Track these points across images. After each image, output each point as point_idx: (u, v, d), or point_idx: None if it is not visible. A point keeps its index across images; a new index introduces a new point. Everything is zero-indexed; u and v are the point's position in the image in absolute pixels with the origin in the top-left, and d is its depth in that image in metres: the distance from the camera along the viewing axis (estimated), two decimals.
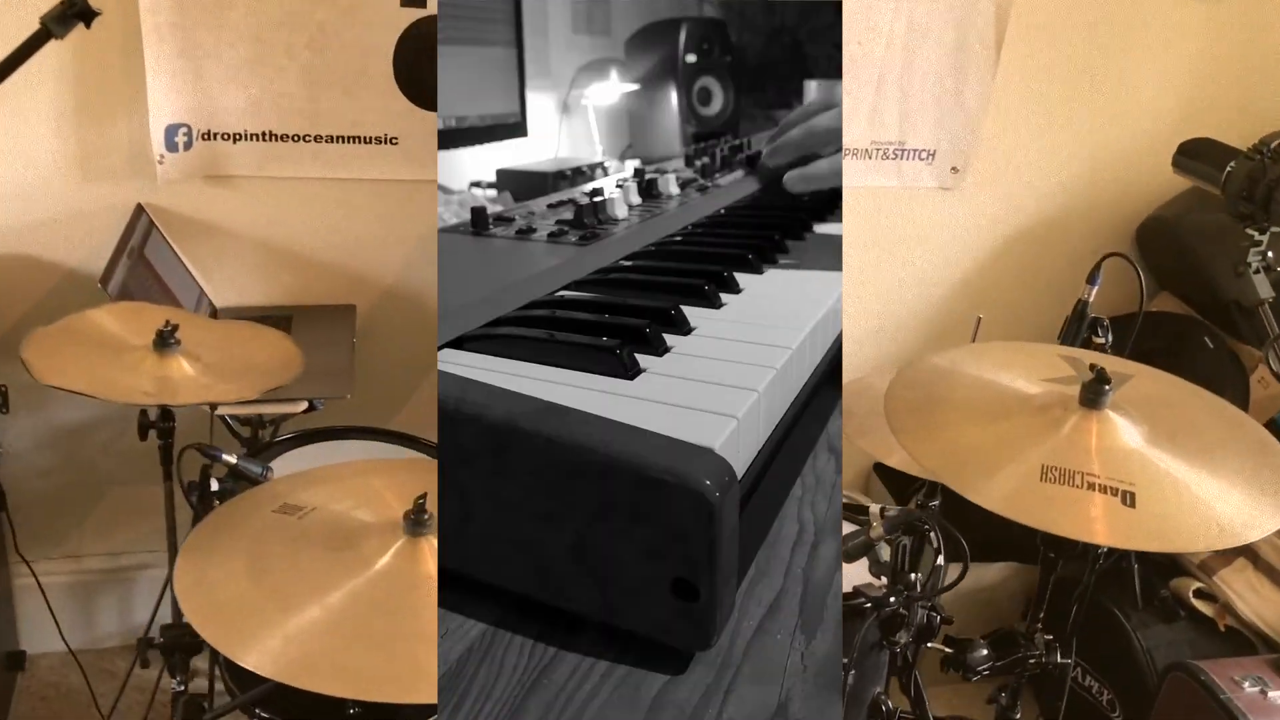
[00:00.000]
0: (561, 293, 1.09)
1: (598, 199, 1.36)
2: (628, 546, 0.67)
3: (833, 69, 2.73)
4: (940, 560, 1.13)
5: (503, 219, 1.34)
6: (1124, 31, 1.88)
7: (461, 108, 2.01)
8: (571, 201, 1.46)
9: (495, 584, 0.75)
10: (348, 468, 1.08)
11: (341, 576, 0.87)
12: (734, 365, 0.85)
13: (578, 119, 2.44)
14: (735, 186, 1.70)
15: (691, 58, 2.43)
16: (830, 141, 1.31)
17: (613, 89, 2.47)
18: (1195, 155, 1.02)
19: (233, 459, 1.11)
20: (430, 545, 0.91)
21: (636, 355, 0.85)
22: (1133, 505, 0.88)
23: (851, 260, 1.95)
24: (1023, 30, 1.82)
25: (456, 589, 0.78)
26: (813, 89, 2.64)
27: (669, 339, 0.92)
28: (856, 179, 1.88)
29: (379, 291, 1.75)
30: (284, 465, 1.40)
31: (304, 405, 1.46)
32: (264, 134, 1.62)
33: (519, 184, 2.10)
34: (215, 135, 1.60)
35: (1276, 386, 1.88)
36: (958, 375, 1.09)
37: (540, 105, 2.31)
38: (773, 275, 1.20)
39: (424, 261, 1.56)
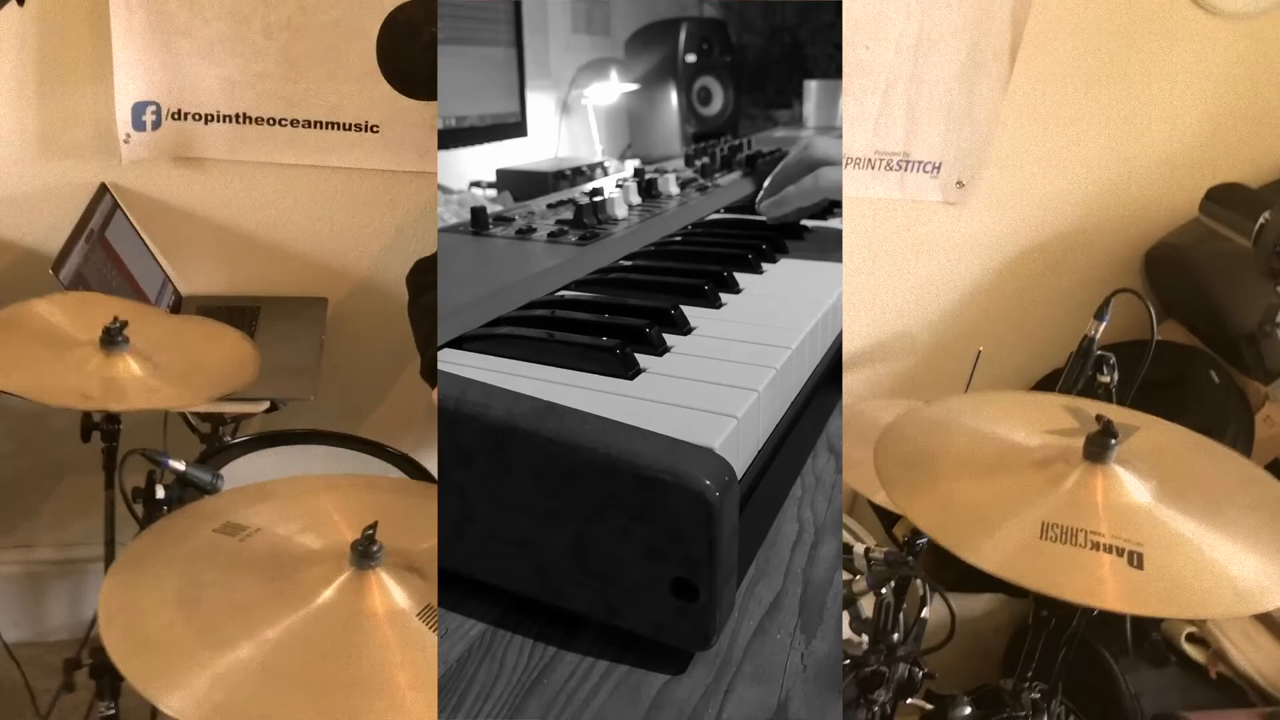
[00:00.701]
0: (561, 293, 1.07)
1: (598, 199, 1.33)
2: (627, 546, 0.66)
3: (833, 69, 2.71)
4: (925, 613, 1.08)
5: (503, 219, 1.31)
6: (1146, 48, 1.83)
7: (461, 108, 1.96)
8: (571, 201, 1.43)
9: (495, 584, 0.74)
10: (300, 483, 1.00)
11: (279, 610, 0.79)
12: (734, 365, 0.85)
13: (578, 119, 2.40)
14: (735, 186, 1.67)
15: (691, 58, 2.41)
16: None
17: (613, 89, 2.44)
18: (1225, 202, 0.96)
19: (180, 466, 1.02)
20: (379, 580, 0.83)
21: (636, 355, 0.83)
22: (1141, 566, 0.82)
23: (848, 273, 1.91)
24: (1038, 41, 1.76)
25: (456, 589, 0.76)
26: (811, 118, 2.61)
27: (669, 339, 0.90)
28: (858, 189, 1.84)
29: (353, 284, 1.69)
30: (241, 469, 1.33)
31: (265, 405, 1.40)
32: (238, 116, 1.55)
33: (519, 184, 2.07)
34: (186, 115, 1.53)
35: None
36: (954, 426, 1.04)
37: (540, 105, 2.27)
38: (773, 275, 1.18)
39: (402, 254, 1.48)
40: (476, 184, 2.06)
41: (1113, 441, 0.91)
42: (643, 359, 0.83)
